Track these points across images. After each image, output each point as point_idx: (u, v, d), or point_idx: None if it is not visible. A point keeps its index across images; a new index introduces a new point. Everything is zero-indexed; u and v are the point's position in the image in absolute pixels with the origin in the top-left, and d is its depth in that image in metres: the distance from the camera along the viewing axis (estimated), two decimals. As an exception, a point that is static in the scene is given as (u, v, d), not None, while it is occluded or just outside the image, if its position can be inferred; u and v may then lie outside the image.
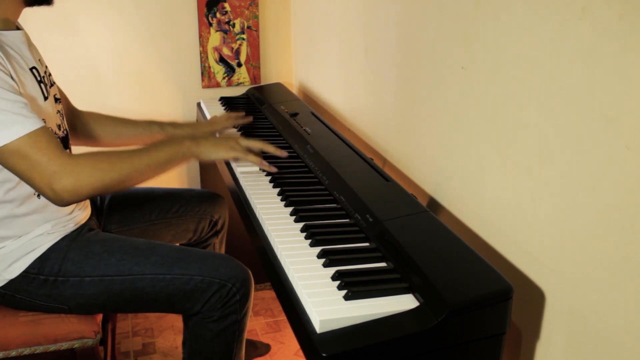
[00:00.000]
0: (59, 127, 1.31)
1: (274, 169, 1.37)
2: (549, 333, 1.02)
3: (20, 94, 1.13)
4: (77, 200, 1.15)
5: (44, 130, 1.11)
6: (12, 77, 1.13)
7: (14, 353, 1.22)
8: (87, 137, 1.57)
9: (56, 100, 1.33)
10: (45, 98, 1.25)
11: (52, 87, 1.33)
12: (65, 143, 1.34)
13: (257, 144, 1.36)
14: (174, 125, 1.62)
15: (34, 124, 1.10)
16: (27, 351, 1.22)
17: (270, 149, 1.38)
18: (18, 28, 1.26)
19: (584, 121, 0.89)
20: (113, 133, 1.57)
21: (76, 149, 1.58)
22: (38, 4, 1.27)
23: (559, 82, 0.93)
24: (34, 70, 1.23)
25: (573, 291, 0.95)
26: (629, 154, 0.82)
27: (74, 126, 1.54)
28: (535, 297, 1.04)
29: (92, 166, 1.15)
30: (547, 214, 0.99)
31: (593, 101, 0.87)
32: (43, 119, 1.18)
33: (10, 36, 1.20)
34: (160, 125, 1.60)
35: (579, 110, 0.90)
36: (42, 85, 1.25)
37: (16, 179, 1.18)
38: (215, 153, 1.30)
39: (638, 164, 0.81)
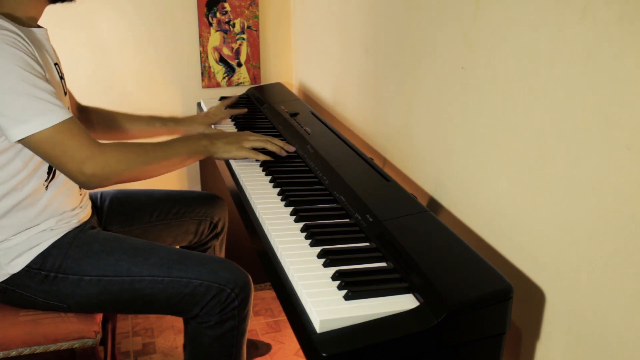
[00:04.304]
0: None
1: (283, 153, 1.46)
2: (549, 333, 1.02)
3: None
4: (105, 185, 1.22)
5: (75, 120, 1.17)
6: (43, 70, 1.18)
7: (14, 353, 1.22)
8: (92, 131, 1.62)
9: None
10: (65, 94, 1.32)
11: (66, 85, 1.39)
12: None
13: (260, 144, 1.44)
14: (175, 120, 1.71)
15: (67, 114, 1.15)
16: (27, 351, 1.22)
17: (274, 147, 1.45)
18: (39, 26, 1.29)
19: (584, 121, 0.89)
20: (118, 128, 1.64)
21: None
22: (61, 0, 1.31)
23: (559, 82, 0.93)
24: (56, 67, 1.29)
25: (573, 291, 0.95)
26: (629, 154, 0.82)
27: (81, 121, 1.58)
28: (535, 297, 1.04)
29: (120, 154, 1.22)
30: (547, 214, 0.99)
31: (593, 101, 0.87)
32: None
33: (37, 33, 1.25)
34: (162, 120, 1.68)
35: (579, 110, 0.90)
36: (62, 81, 1.31)
37: (28, 169, 1.22)
38: (228, 152, 1.40)
39: (638, 164, 0.81)
